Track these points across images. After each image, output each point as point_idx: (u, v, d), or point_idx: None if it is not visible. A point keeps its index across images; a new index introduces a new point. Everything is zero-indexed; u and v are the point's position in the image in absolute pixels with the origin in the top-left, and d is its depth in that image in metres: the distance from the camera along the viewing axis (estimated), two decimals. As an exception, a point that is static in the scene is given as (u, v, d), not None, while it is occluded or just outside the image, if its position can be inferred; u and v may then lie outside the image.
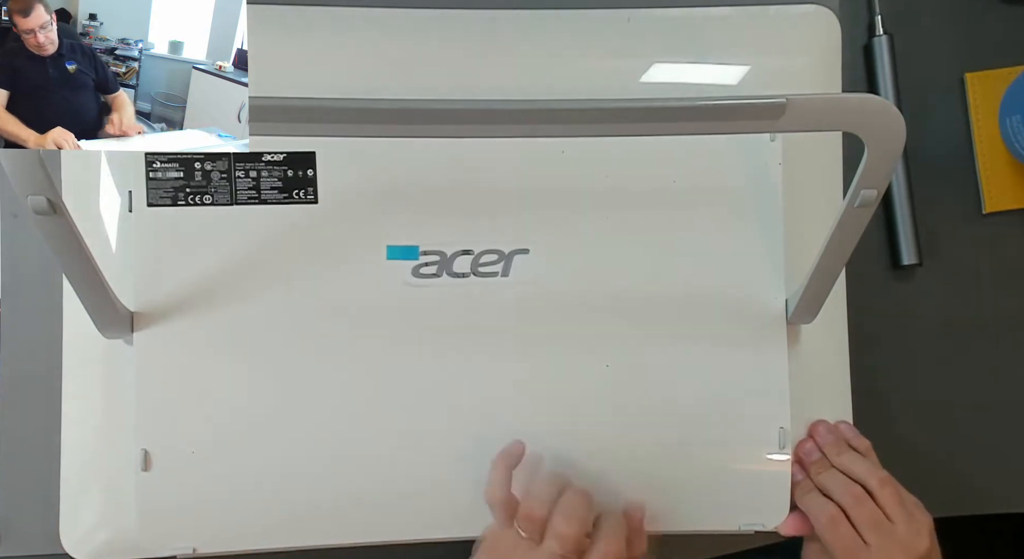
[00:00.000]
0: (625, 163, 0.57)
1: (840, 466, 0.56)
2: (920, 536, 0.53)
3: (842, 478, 0.55)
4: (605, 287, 0.57)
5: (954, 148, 0.66)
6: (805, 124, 0.45)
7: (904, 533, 0.53)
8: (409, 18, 0.57)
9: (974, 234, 0.67)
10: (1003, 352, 0.66)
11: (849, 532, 0.54)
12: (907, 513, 0.53)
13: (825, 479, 0.56)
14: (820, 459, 0.57)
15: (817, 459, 0.57)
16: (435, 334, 0.56)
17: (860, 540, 0.53)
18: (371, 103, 0.41)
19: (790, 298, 0.58)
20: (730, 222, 0.58)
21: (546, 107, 0.43)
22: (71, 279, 0.49)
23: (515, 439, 0.54)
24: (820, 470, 0.56)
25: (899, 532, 0.53)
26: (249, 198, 0.55)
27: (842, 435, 0.58)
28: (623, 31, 0.58)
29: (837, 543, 0.54)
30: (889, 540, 0.53)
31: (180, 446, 0.54)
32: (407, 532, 0.56)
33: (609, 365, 0.57)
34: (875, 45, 0.65)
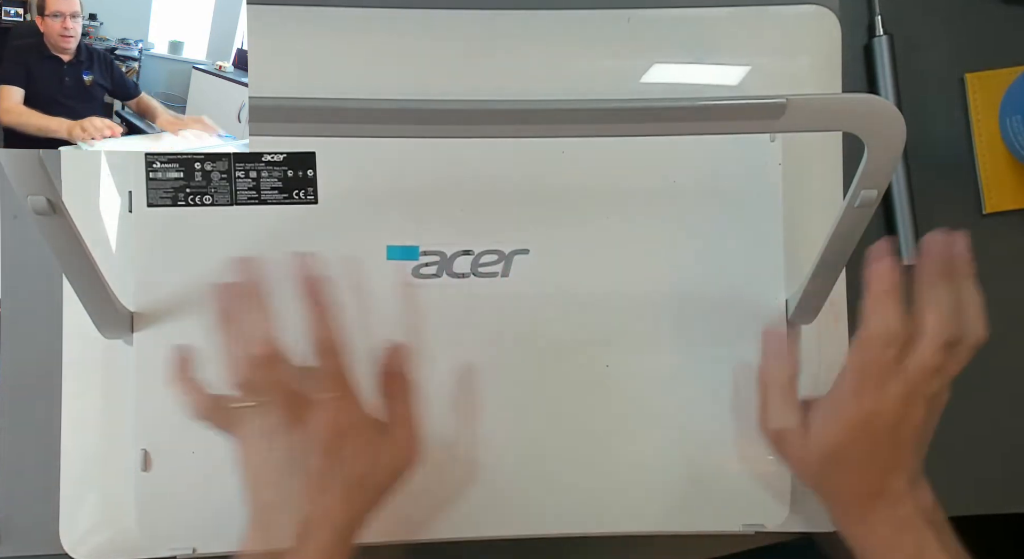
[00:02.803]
0: (625, 163, 0.57)
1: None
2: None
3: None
4: (605, 287, 0.57)
5: (954, 148, 0.66)
6: (805, 124, 0.45)
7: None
8: (409, 18, 0.57)
9: (974, 234, 0.66)
10: (1003, 352, 0.66)
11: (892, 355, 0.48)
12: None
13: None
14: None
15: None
16: (435, 334, 0.56)
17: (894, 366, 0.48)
18: (371, 103, 0.41)
19: (790, 298, 0.58)
20: (730, 222, 0.58)
21: (546, 107, 0.43)
22: (71, 279, 0.49)
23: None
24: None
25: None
26: (249, 198, 0.55)
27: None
28: (623, 31, 0.58)
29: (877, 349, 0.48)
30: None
31: (180, 446, 0.54)
32: (404, 532, 0.56)
33: (609, 365, 0.57)
34: (875, 45, 0.65)
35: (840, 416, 0.49)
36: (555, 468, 0.56)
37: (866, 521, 0.50)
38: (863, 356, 0.49)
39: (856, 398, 0.49)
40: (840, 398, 0.50)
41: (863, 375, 0.49)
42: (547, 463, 0.56)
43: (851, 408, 0.49)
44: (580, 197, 0.57)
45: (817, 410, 0.51)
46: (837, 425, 0.50)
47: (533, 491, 0.56)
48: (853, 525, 0.51)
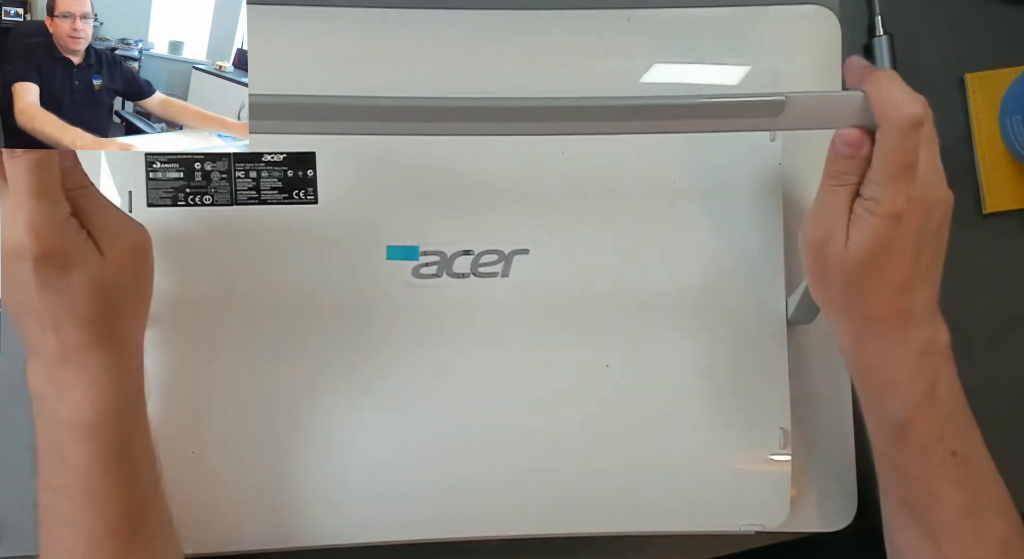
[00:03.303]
0: (625, 163, 0.58)
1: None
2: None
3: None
4: (605, 287, 0.57)
5: (954, 148, 0.66)
6: (804, 122, 0.45)
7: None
8: (409, 18, 0.57)
9: (974, 234, 0.67)
10: (1003, 352, 0.66)
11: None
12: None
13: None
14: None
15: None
16: (435, 334, 0.56)
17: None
18: (371, 101, 0.41)
19: (790, 298, 0.58)
20: (730, 222, 0.58)
21: (546, 106, 0.43)
22: (71, 279, 0.49)
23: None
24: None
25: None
26: (249, 198, 0.55)
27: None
28: (623, 31, 0.58)
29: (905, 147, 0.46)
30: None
31: (180, 446, 0.54)
32: (405, 532, 0.56)
33: (609, 365, 0.57)
34: (875, 45, 0.65)
35: (877, 212, 0.47)
36: (554, 468, 0.56)
37: (890, 342, 0.49)
38: (885, 148, 0.46)
39: (891, 192, 0.46)
40: (875, 196, 0.47)
41: (887, 170, 0.46)
42: (546, 463, 0.56)
43: (885, 204, 0.46)
44: (580, 197, 0.57)
45: (855, 215, 0.48)
46: (873, 223, 0.47)
47: (532, 491, 0.56)
48: (874, 348, 0.49)
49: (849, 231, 0.47)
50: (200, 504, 0.54)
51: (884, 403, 0.50)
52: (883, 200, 0.46)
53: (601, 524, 0.57)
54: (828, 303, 0.51)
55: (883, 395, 0.50)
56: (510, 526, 0.57)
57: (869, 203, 0.47)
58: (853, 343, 0.50)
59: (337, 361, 0.55)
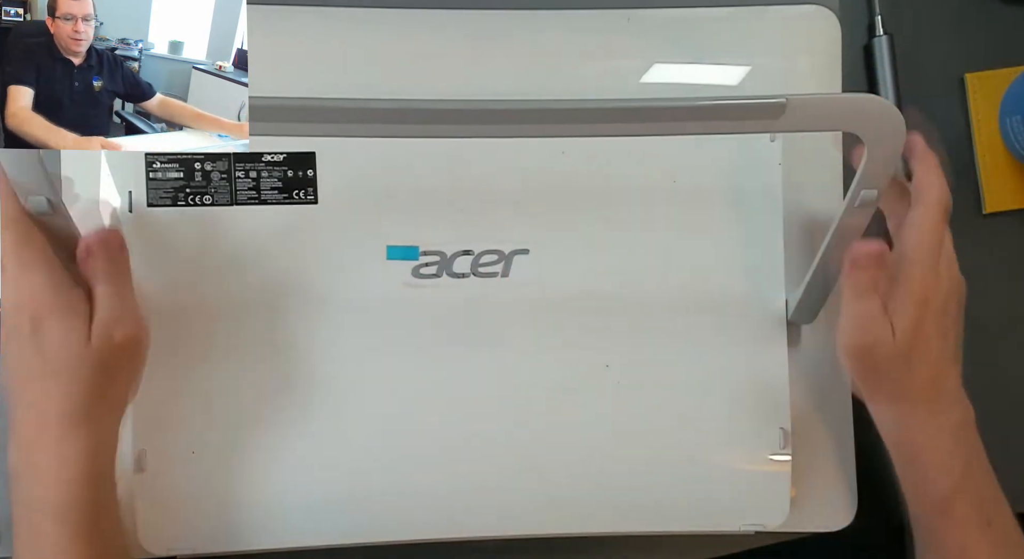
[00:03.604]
0: (625, 163, 0.57)
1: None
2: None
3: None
4: (605, 287, 0.57)
5: (954, 148, 0.66)
6: (805, 124, 0.45)
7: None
8: (409, 18, 0.57)
9: (974, 234, 0.67)
10: (1003, 352, 0.66)
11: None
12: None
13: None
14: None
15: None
16: (435, 335, 0.56)
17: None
18: (371, 103, 0.41)
19: (790, 298, 0.58)
20: (730, 222, 0.58)
21: (546, 107, 0.43)
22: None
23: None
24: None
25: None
26: (249, 198, 0.55)
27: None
28: (623, 31, 0.58)
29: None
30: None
31: (179, 446, 0.54)
32: (405, 532, 0.56)
33: (609, 365, 0.57)
34: (875, 45, 0.65)
35: (912, 291, 0.50)
36: (554, 468, 0.56)
37: (930, 423, 0.52)
38: (928, 227, 0.51)
39: (927, 268, 0.50)
40: (911, 276, 0.51)
41: (926, 248, 0.51)
42: (546, 463, 0.56)
43: (917, 279, 0.50)
44: (580, 197, 0.57)
45: (891, 307, 0.51)
46: (912, 304, 0.50)
47: (532, 491, 0.56)
48: (916, 429, 0.52)
49: (892, 324, 0.51)
50: (199, 504, 0.54)
51: (928, 480, 0.53)
52: (915, 277, 0.50)
53: (601, 524, 0.57)
54: (875, 395, 0.54)
55: (927, 473, 0.53)
56: (510, 526, 0.57)
57: (903, 290, 0.50)
58: (896, 426, 0.54)
59: (337, 361, 0.55)
